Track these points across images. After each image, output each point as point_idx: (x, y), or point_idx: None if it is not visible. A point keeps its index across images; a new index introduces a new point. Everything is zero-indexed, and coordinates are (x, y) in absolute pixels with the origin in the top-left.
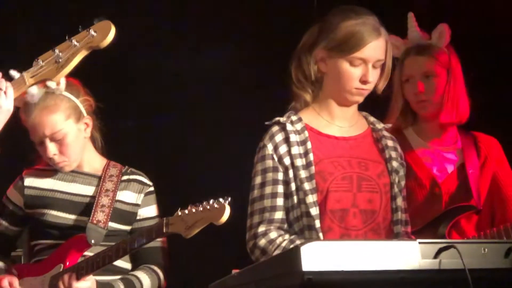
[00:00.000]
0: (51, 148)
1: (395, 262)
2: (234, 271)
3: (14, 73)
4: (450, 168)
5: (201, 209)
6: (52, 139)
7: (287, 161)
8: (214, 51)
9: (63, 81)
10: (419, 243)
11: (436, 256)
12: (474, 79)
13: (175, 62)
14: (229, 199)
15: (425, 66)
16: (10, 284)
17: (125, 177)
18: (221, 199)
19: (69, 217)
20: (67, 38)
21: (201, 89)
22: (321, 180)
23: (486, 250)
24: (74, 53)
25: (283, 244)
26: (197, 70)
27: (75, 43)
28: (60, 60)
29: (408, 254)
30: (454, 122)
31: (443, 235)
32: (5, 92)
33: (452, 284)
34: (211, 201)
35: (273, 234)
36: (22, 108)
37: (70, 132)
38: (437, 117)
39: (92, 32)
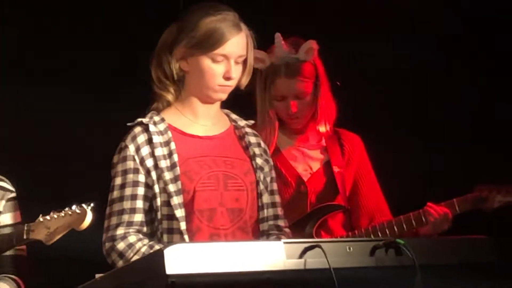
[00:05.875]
0: None
1: (260, 262)
2: (97, 276)
3: None
4: (316, 166)
5: (63, 214)
6: None
7: (149, 163)
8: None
9: None
10: (284, 243)
11: (301, 256)
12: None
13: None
14: (92, 204)
15: (297, 89)
16: None
17: None
18: (83, 205)
19: None
20: None
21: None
22: (188, 180)
23: (351, 248)
24: None
25: (143, 250)
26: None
27: None
28: None
29: (273, 255)
30: (329, 129)
31: (310, 234)
32: None
33: (318, 284)
34: (73, 207)
35: (132, 238)
36: None
37: None
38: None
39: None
